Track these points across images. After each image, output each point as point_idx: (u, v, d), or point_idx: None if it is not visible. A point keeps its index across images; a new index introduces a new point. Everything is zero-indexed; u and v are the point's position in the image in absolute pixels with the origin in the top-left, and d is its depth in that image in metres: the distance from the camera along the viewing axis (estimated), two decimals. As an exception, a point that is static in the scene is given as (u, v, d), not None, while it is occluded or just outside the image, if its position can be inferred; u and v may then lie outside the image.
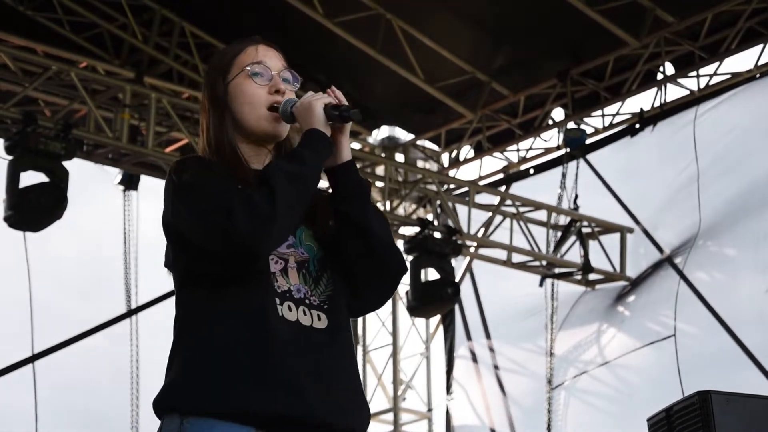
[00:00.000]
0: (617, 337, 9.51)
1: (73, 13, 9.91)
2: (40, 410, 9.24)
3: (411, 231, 9.87)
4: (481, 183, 10.75)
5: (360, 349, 11.23)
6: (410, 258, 9.56)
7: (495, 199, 10.10)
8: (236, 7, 9.96)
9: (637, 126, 9.83)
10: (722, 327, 8.58)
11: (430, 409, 11.14)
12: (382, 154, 10.89)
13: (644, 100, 9.85)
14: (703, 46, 9.30)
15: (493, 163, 10.88)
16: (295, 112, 2.72)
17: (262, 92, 2.75)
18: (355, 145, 10.77)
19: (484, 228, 9.96)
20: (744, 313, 8.56)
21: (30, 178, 8.59)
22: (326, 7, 9.52)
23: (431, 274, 9.83)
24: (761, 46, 9.09)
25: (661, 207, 9.63)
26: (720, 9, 9.02)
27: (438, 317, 10.94)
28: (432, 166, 11.09)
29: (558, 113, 10.31)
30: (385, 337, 11.33)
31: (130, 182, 9.88)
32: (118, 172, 9.81)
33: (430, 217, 10.40)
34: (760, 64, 9.12)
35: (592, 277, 10.03)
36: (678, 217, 9.38)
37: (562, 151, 10.14)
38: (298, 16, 9.48)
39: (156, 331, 9.77)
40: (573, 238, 9.88)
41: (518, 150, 10.70)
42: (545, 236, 9.89)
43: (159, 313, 9.92)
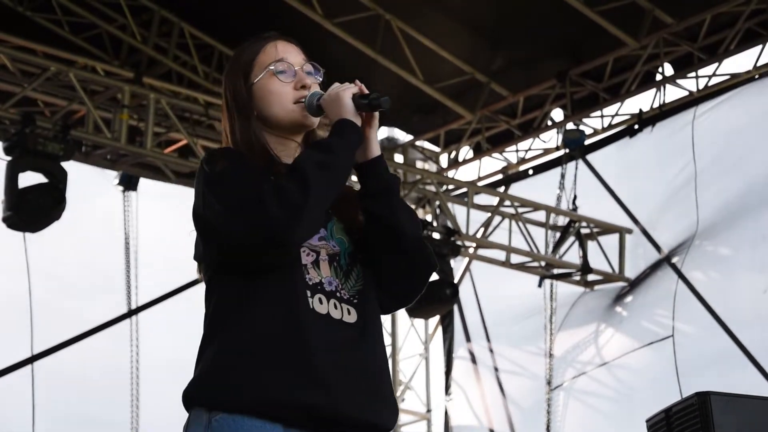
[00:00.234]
0: (615, 338, 9.51)
1: (72, 13, 9.91)
2: (38, 411, 9.24)
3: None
4: (480, 184, 10.75)
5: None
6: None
7: (494, 200, 10.10)
8: (235, 8, 9.96)
9: (636, 127, 9.83)
10: (721, 327, 8.58)
11: (429, 410, 11.14)
12: (381, 155, 10.88)
13: (643, 101, 9.87)
14: (702, 47, 9.30)
15: (492, 164, 10.89)
16: (323, 104, 2.70)
17: (288, 89, 2.74)
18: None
19: (483, 229, 9.96)
20: (742, 313, 8.55)
21: (29, 178, 8.59)
22: (325, 7, 9.52)
23: (430, 275, 9.81)
24: (760, 47, 9.09)
25: (659, 207, 9.63)
26: (719, 10, 9.03)
27: (437, 318, 10.94)
28: (431, 167, 11.09)
29: (557, 114, 10.31)
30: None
31: (129, 183, 9.88)
32: (116, 176, 9.81)
33: (429, 217, 10.40)
34: (759, 65, 9.12)
35: (591, 277, 10.03)
36: (676, 217, 9.39)
37: (561, 152, 10.14)
38: (297, 16, 9.47)
39: (156, 332, 9.78)
40: (572, 238, 9.87)
41: (517, 151, 10.70)
42: (544, 237, 9.89)
43: (159, 314, 9.93)
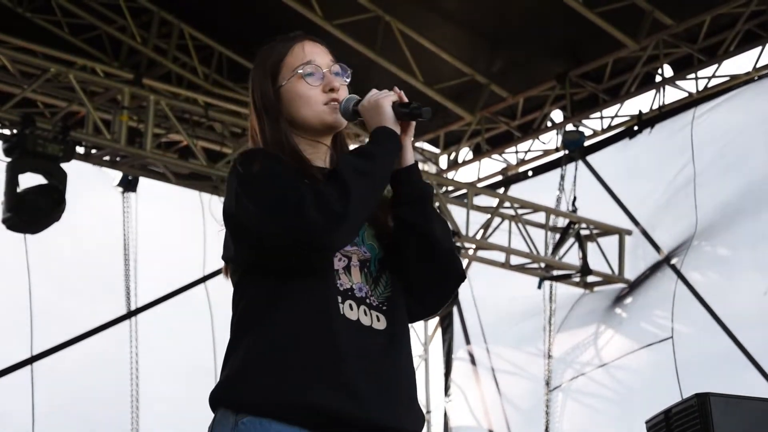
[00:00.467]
0: (615, 339, 9.50)
1: (71, 15, 9.92)
2: (38, 412, 9.24)
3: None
4: (480, 185, 10.75)
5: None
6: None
7: (493, 201, 10.09)
8: (235, 9, 9.97)
9: (636, 128, 9.83)
10: (721, 328, 8.57)
11: (429, 411, 11.13)
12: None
13: (643, 102, 9.87)
14: (701, 49, 9.30)
15: (491, 165, 10.89)
16: (361, 110, 2.68)
17: (317, 92, 2.72)
18: (354, 147, 10.76)
19: (483, 230, 9.96)
20: (742, 314, 8.55)
21: (28, 180, 8.59)
22: (325, 9, 9.52)
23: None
24: (759, 48, 9.09)
25: (659, 209, 9.63)
26: (718, 11, 9.03)
27: (436, 320, 10.94)
28: (430, 168, 11.09)
29: (557, 115, 10.32)
30: (383, 339, 11.31)
31: (128, 184, 9.88)
32: (115, 177, 9.82)
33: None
34: (758, 66, 9.12)
35: (591, 279, 10.02)
36: (676, 218, 9.38)
37: (561, 153, 10.14)
38: (296, 18, 9.47)
39: (155, 332, 9.78)
40: (571, 240, 9.87)
41: (517, 152, 10.70)
42: (544, 238, 9.88)
43: (158, 315, 9.93)
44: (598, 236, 9.99)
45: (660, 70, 9.58)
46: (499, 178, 10.82)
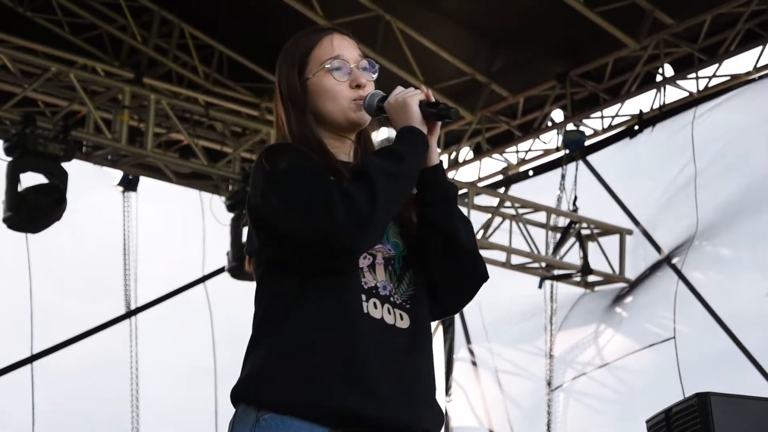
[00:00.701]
0: (616, 339, 9.50)
1: (72, 14, 9.92)
2: (38, 411, 9.24)
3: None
4: (480, 184, 10.74)
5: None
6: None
7: (494, 201, 10.09)
8: (235, 9, 9.97)
9: (636, 127, 9.82)
10: (721, 328, 8.57)
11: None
12: (382, 156, 10.88)
13: (643, 102, 9.86)
14: (702, 48, 9.29)
15: (492, 165, 10.88)
16: (388, 108, 2.66)
17: (344, 87, 2.69)
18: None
19: (483, 230, 9.95)
20: (743, 314, 8.54)
21: (29, 179, 8.60)
22: (325, 8, 9.52)
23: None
24: (760, 48, 9.08)
25: (660, 208, 9.62)
26: (719, 11, 9.02)
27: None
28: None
29: (557, 115, 10.31)
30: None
31: (129, 184, 9.88)
32: (116, 177, 9.82)
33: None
34: (759, 66, 9.12)
35: (592, 278, 10.02)
36: (676, 218, 9.38)
37: (562, 153, 10.14)
38: (297, 17, 9.48)
39: (155, 332, 9.79)
40: (572, 239, 9.86)
41: (517, 151, 10.69)
42: (544, 238, 9.88)
43: (158, 315, 9.93)
44: (599, 236, 9.99)
45: (660, 70, 9.58)
46: (500, 177, 10.81)
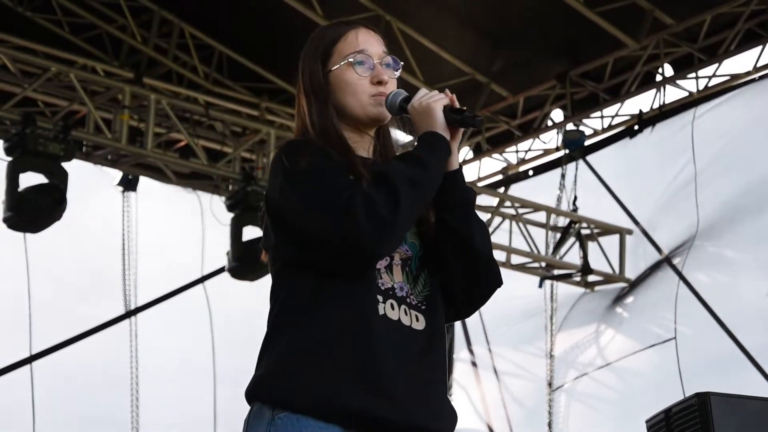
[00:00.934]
0: (616, 339, 9.50)
1: (72, 14, 9.92)
2: (38, 411, 9.24)
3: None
4: (480, 184, 10.74)
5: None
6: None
7: (494, 201, 10.09)
8: (235, 9, 9.97)
9: (636, 127, 9.82)
10: (722, 329, 8.56)
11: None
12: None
13: (643, 102, 9.86)
14: (701, 48, 9.29)
15: (492, 165, 10.88)
16: (411, 110, 2.63)
17: (365, 82, 2.67)
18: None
19: (483, 229, 9.94)
20: (744, 315, 8.54)
21: (29, 179, 8.60)
22: (326, 8, 9.52)
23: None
24: (760, 47, 9.08)
25: (660, 208, 9.62)
26: (719, 11, 9.02)
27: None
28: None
29: (557, 114, 10.31)
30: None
31: (129, 184, 9.88)
32: (115, 177, 9.82)
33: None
34: (759, 65, 9.12)
35: (592, 278, 10.02)
36: (676, 218, 9.38)
37: (561, 153, 10.13)
38: (297, 17, 9.47)
39: (155, 332, 9.78)
40: (572, 239, 9.86)
41: (517, 151, 10.69)
42: (544, 238, 9.88)
43: (158, 315, 9.93)
44: (599, 235, 9.99)
45: (660, 70, 9.58)
46: (500, 177, 10.81)
